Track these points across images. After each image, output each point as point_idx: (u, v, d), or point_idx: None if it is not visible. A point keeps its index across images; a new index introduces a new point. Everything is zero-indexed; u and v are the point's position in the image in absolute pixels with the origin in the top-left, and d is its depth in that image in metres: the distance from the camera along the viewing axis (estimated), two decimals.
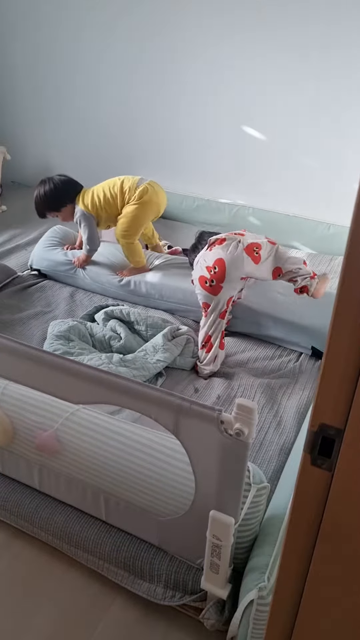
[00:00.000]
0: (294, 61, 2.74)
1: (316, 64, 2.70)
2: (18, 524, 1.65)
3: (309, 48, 2.68)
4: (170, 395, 1.16)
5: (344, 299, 0.59)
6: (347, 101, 2.70)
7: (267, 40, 2.75)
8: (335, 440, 0.68)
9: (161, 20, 2.95)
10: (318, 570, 0.80)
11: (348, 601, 0.82)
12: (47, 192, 2.47)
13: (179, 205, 3.33)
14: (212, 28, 2.85)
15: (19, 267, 2.80)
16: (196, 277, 2.11)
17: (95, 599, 1.53)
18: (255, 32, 2.76)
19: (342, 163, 2.81)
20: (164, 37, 2.99)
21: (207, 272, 2.05)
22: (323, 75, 2.71)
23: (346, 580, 0.80)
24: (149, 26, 2.99)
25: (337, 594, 0.82)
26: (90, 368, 1.23)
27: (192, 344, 2.19)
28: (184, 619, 1.48)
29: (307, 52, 2.69)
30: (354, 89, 2.66)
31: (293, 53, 2.72)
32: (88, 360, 2.00)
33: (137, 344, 2.18)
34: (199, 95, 3.07)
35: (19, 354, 1.30)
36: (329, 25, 2.58)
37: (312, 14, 2.59)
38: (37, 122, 3.66)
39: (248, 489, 1.30)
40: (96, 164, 3.58)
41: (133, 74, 3.18)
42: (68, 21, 3.20)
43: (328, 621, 0.86)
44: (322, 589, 0.82)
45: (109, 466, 1.42)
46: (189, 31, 2.91)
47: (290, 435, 1.85)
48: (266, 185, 3.12)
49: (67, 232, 2.84)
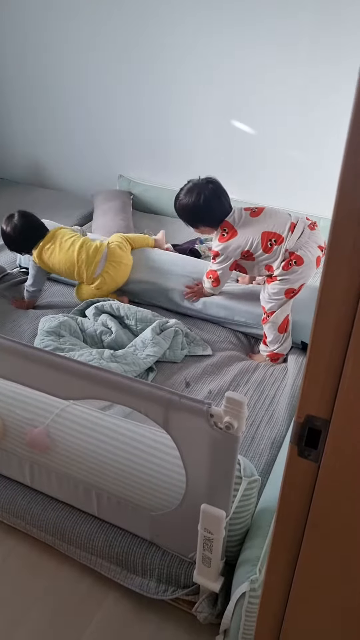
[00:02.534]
0: (283, 54, 2.74)
1: (305, 56, 2.70)
2: (10, 521, 1.65)
3: (298, 40, 2.67)
4: (160, 389, 1.16)
5: (327, 290, 0.59)
6: (336, 95, 2.70)
7: (256, 34, 2.74)
8: (322, 432, 0.68)
9: (148, 16, 2.93)
10: (307, 560, 0.81)
11: (337, 590, 0.83)
12: (8, 234, 2.39)
13: (169, 200, 3.29)
14: (199, 24, 2.84)
15: (8, 264, 2.78)
16: (314, 257, 2.14)
17: (89, 595, 1.54)
18: (243, 27, 2.75)
19: (332, 157, 2.81)
20: (152, 33, 2.97)
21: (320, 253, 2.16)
22: (312, 69, 2.71)
23: (335, 569, 0.80)
24: (137, 21, 2.98)
25: (326, 584, 0.83)
26: (80, 364, 1.23)
27: (180, 335, 2.19)
28: (177, 612, 1.49)
29: (296, 45, 2.69)
30: (343, 82, 2.66)
31: (281, 46, 2.72)
32: (79, 356, 2.00)
33: (128, 338, 2.18)
34: (188, 90, 3.06)
35: (9, 350, 1.30)
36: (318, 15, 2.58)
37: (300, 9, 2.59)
38: (24, 118, 3.63)
39: (239, 482, 1.30)
40: (85, 159, 3.56)
41: (121, 69, 3.16)
42: (56, 16, 3.17)
43: (318, 611, 0.87)
44: (311, 579, 0.83)
45: (101, 462, 1.42)
46: (176, 27, 2.90)
47: (281, 429, 1.86)
48: (256, 179, 3.12)
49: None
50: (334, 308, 0.60)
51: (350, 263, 0.58)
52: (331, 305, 0.60)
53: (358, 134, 0.53)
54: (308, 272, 2.13)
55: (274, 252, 2.11)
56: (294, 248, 2.10)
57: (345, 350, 0.61)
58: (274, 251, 2.11)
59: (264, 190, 3.09)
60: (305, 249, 2.11)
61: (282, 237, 2.10)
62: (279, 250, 2.10)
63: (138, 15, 2.96)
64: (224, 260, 2.20)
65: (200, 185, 2.15)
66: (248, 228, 2.13)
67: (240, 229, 2.14)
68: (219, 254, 2.19)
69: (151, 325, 2.17)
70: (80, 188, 3.65)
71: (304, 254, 2.09)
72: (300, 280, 2.13)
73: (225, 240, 2.16)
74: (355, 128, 0.52)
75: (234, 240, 2.14)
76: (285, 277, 2.10)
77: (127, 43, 3.07)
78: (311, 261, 2.12)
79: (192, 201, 2.13)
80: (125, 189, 3.43)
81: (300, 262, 2.09)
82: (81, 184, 3.64)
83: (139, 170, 3.44)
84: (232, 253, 2.17)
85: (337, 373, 0.63)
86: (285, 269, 2.10)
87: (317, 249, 2.14)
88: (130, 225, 3.07)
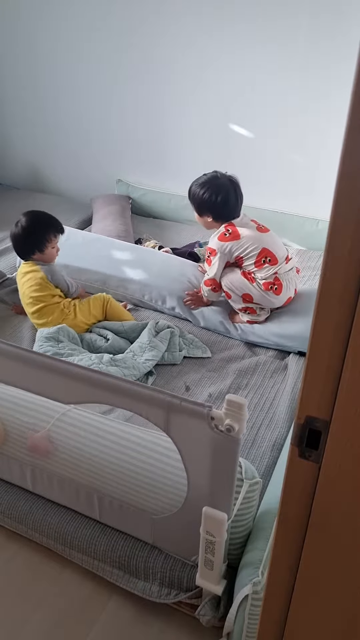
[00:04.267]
0: (280, 57, 2.75)
1: (302, 58, 2.71)
2: (12, 526, 1.65)
3: (296, 43, 2.68)
4: (160, 392, 1.17)
5: (325, 291, 0.60)
6: (334, 98, 2.71)
7: (253, 37, 2.75)
8: (322, 432, 0.69)
9: (144, 20, 2.94)
10: (309, 562, 0.81)
11: (340, 592, 0.83)
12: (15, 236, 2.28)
13: (168, 204, 3.33)
14: (196, 28, 2.85)
15: (8, 269, 2.78)
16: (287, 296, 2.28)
17: (91, 599, 1.53)
18: (241, 30, 2.76)
19: (330, 159, 2.82)
20: (148, 38, 2.98)
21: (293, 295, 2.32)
22: (310, 71, 2.72)
23: (337, 570, 0.80)
24: (134, 26, 2.99)
25: (329, 586, 0.83)
26: (80, 368, 1.23)
27: (176, 336, 2.19)
28: (180, 616, 1.48)
29: (293, 46, 2.70)
30: (341, 84, 2.67)
31: (279, 49, 2.73)
32: (78, 360, 2.00)
33: (125, 343, 2.19)
34: (186, 94, 3.07)
35: (9, 355, 1.30)
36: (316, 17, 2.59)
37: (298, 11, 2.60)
38: (23, 125, 3.64)
39: (240, 485, 1.30)
40: (84, 164, 3.57)
41: (118, 73, 3.17)
42: (52, 24, 3.19)
43: (321, 613, 0.87)
44: (314, 581, 0.83)
45: (102, 466, 1.42)
46: (173, 31, 2.91)
47: (282, 431, 1.86)
48: (254, 182, 3.12)
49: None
50: (332, 308, 0.60)
51: (348, 265, 0.58)
52: (330, 306, 0.60)
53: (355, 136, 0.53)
54: (275, 303, 2.26)
55: (263, 270, 2.19)
56: (282, 276, 2.21)
57: (344, 351, 0.62)
58: (263, 269, 2.19)
59: (262, 193, 3.10)
60: (288, 285, 2.23)
61: (277, 261, 2.19)
62: (268, 269, 2.18)
63: (134, 20, 2.97)
64: (219, 259, 2.23)
65: (224, 178, 2.22)
66: (251, 238, 2.19)
67: (243, 235, 2.18)
68: (216, 252, 2.22)
69: (146, 328, 2.18)
70: (78, 193, 3.65)
71: (285, 286, 2.22)
72: (264, 302, 2.24)
73: (225, 241, 2.19)
74: (351, 130, 0.53)
75: (234, 244, 2.18)
76: (259, 291, 2.20)
77: (123, 48, 3.08)
78: (285, 296, 2.25)
79: (211, 189, 2.19)
80: (123, 193, 3.44)
81: (279, 291, 2.21)
82: (80, 188, 3.65)
83: (138, 175, 3.45)
84: (228, 255, 2.21)
85: (337, 373, 0.63)
86: (265, 288, 2.19)
87: (293, 290, 2.29)
88: (130, 230, 3.07)
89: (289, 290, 2.25)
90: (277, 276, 2.19)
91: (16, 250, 2.33)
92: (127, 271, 2.53)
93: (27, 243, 2.26)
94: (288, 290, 2.24)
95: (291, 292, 2.28)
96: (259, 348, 2.28)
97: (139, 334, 2.20)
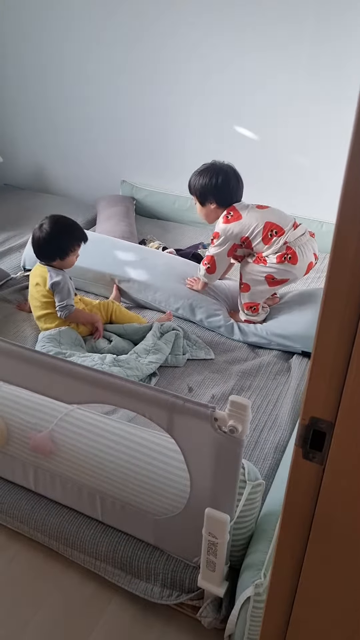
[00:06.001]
0: (284, 59, 2.75)
1: (306, 61, 2.71)
2: (14, 526, 1.65)
3: (299, 45, 2.69)
4: (164, 393, 1.16)
5: (331, 292, 0.60)
6: (339, 100, 2.71)
7: (257, 40, 2.76)
8: (326, 434, 0.68)
9: (149, 23, 2.95)
10: (312, 564, 0.81)
11: (343, 594, 0.82)
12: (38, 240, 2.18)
13: (172, 205, 3.34)
14: (200, 30, 2.85)
15: (12, 269, 2.79)
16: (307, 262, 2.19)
17: (92, 600, 1.53)
18: (245, 33, 2.77)
19: (335, 160, 2.82)
20: (153, 40, 2.99)
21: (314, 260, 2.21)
22: (314, 73, 2.72)
23: (340, 573, 0.80)
24: (138, 28, 2.99)
25: (332, 588, 0.82)
26: (84, 367, 1.23)
27: (180, 339, 2.19)
28: (182, 617, 1.48)
29: (297, 50, 2.70)
30: (345, 86, 2.67)
31: (283, 51, 2.73)
32: (81, 360, 2.00)
33: (128, 345, 2.19)
34: (190, 96, 3.07)
35: (13, 355, 1.30)
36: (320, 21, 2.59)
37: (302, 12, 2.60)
38: (28, 126, 3.65)
39: (243, 486, 1.30)
40: (88, 165, 3.58)
41: (123, 75, 3.18)
42: (57, 24, 3.20)
43: (323, 615, 0.87)
44: (317, 583, 0.83)
45: (105, 466, 1.42)
46: (177, 33, 2.91)
47: (285, 433, 1.86)
48: (259, 184, 3.12)
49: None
50: (338, 310, 0.60)
51: (354, 266, 0.58)
52: (335, 307, 0.60)
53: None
54: (296, 273, 2.18)
55: (272, 244, 2.15)
56: (292, 243, 2.14)
57: (350, 351, 0.62)
58: (273, 242, 2.15)
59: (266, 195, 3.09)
60: (302, 250, 2.16)
61: (284, 230, 2.15)
62: (277, 242, 2.14)
63: (141, 22, 2.98)
64: (222, 242, 2.23)
65: (222, 164, 2.23)
66: (253, 216, 2.18)
67: (245, 215, 2.18)
68: (218, 235, 2.23)
69: (151, 330, 2.17)
70: (83, 193, 3.66)
71: (300, 252, 2.14)
72: (286, 275, 2.18)
73: (229, 222, 2.19)
74: (358, 133, 0.53)
75: (237, 224, 2.18)
76: (275, 267, 2.16)
77: (128, 50, 3.09)
78: (303, 263, 2.17)
79: (210, 173, 2.20)
80: (128, 194, 3.44)
81: (294, 260, 2.14)
82: (84, 189, 3.66)
83: (142, 176, 3.46)
84: (232, 236, 2.20)
85: (342, 374, 0.63)
86: (278, 261, 2.14)
87: (312, 255, 2.20)
88: (134, 231, 3.08)
89: (305, 256, 2.15)
90: (288, 245, 2.12)
91: (36, 253, 2.23)
92: (131, 272, 2.53)
93: (50, 249, 2.18)
94: (304, 257, 2.15)
95: (309, 257, 2.18)
96: (262, 349, 2.28)
97: (142, 337, 2.20)
